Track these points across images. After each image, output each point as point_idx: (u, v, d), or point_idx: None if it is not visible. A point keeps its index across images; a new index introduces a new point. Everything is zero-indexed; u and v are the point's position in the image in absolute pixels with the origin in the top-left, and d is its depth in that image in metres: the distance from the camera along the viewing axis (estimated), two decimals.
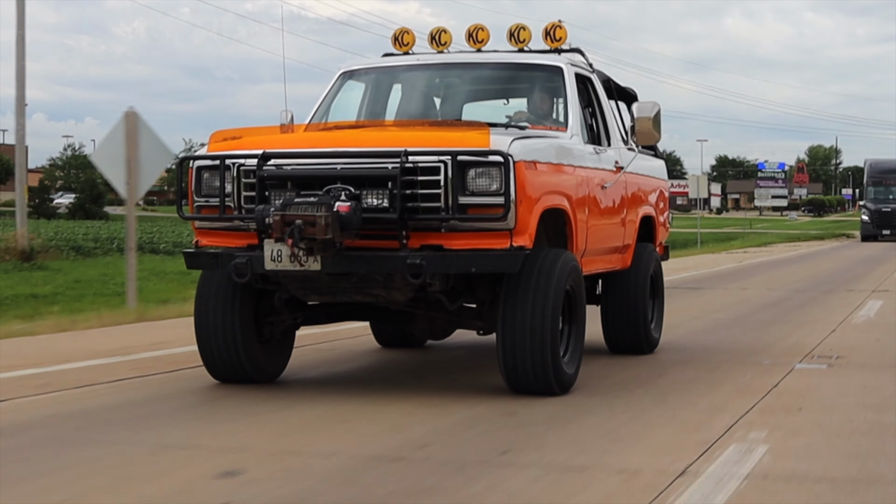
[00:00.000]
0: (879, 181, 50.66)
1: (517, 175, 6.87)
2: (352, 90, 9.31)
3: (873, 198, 50.02)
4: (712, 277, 21.51)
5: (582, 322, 7.75)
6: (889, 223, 48.53)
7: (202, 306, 7.77)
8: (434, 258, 6.86)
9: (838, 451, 5.86)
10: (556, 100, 8.83)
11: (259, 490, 4.94)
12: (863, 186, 52.60)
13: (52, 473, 5.26)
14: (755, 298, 16.26)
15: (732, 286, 18.80)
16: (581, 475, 5.24)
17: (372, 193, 6.92)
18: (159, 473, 5.27)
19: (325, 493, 4.94)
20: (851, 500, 4.92)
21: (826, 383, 8.20)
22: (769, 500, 4.88)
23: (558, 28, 9.12)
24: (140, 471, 5.31)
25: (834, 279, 21.10)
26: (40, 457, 5.58)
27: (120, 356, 9.19)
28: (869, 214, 49.45)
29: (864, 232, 49.34)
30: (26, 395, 7.36)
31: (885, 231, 48.28)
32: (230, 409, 6.96)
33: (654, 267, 9.87)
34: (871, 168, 52.29)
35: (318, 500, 4.84)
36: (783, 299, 16.13)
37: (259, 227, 6.98)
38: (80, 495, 4.91)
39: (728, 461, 5.48)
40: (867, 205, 50.20)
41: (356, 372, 8.76)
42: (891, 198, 49.69)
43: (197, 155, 7.50)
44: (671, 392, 7.68)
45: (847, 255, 33.29)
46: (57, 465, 5.43)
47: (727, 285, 19.06)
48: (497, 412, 6.76)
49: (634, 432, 6.29)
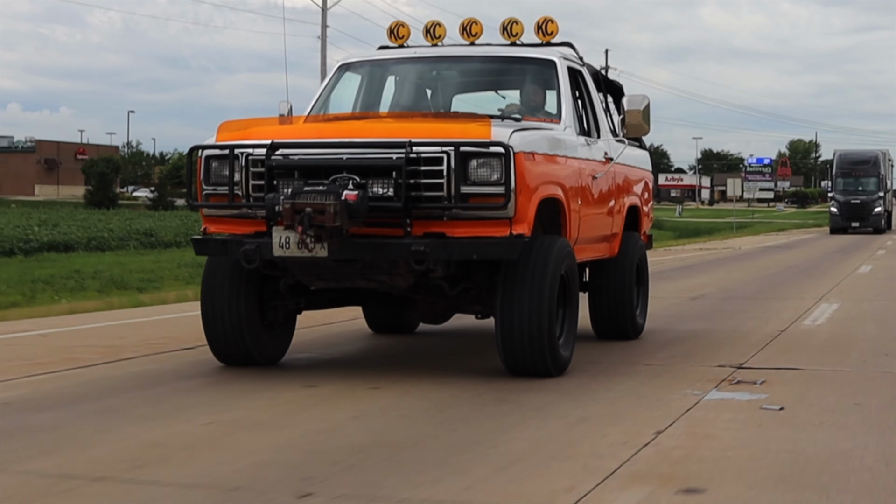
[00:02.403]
0: (848, 172, 49.65)
1: (517, 166, 7.16)
2: (349, 81, 9.57)
3: (842, 189, 49.00)
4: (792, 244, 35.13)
5: (576, 307, 8.06)
6: (858, 215, 47.70)
7: (209, 292, 8.02)
8: (437, 245, 7.15)
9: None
10: (549, 92, 9.12)
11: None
12: (832, 178, 51.24)
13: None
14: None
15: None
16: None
17: (377, 182, 7.21)
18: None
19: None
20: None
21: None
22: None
23: (550, 22, 9.43)
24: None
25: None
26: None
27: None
28: (838, 206, 48.60)
29: (832, 224, 48.51)
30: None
31: (855, 223, 47.45)
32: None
33: (640, 255, 10.18)
34: (839, 159, 51.11)
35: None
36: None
37: (268, 214, 7.25)
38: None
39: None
40: (836, 196, 49.21)
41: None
42: (860, 189, 48.71)
43: (206, 145, 7.74)
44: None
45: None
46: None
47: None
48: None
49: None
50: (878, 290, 16.24)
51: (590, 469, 5.08)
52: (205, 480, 4.89)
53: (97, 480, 4.85)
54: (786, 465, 5.23)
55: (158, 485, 4.80)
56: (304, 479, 4.86)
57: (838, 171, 50.54)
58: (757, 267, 22.23)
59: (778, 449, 5.54)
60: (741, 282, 17.87)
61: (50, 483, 4.83)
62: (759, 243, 36.35)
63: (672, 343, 9.79)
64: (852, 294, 15.40)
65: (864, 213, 47.93)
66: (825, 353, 9.18)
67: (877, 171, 49.72)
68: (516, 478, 4.95)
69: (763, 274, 19.98)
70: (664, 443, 5.64)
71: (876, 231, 47.48)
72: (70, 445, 5.56)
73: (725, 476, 5.00)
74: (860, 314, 12.58)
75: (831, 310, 12.92)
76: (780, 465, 5.21)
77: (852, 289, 16.46)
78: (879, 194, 48.46)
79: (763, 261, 24.92)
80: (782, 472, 5.10)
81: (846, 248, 32.16)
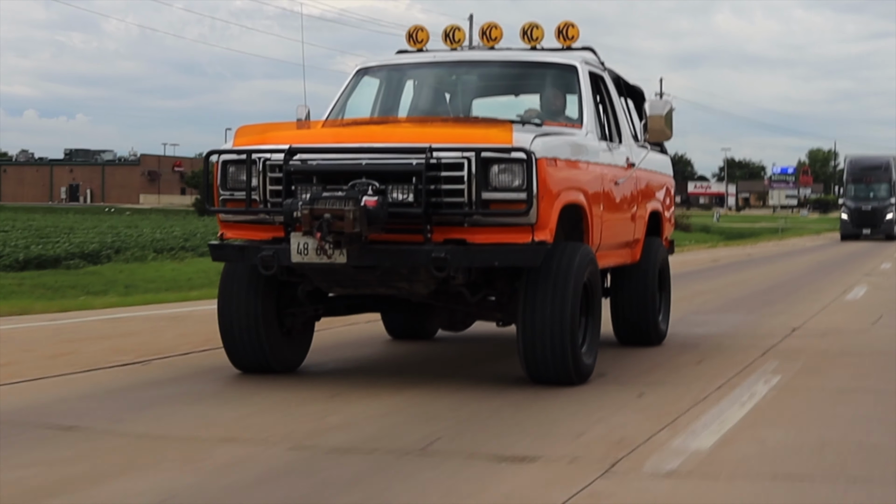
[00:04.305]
0: (860, 178, 48.06)
1: (539, 171, 7.05)
2: (367, 86, 9.46)
3: (853, 195, 47.42)
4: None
5: (598, 314, 7.94)
6: (869, 222, 46.14)
7: (226, 298, 7.92)
8: (458, 252, 7.04)
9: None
10: (570, 97, 9.00)
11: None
12: (843, 184, 49.79)
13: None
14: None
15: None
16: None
17: (397, 188, 7.10)
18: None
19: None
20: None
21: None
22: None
23: (571, 27, 9.29)
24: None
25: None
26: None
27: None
28: (848, 213, 47.05)
29: (843, 231, 47.01)
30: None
31: (866, 230, 45.98)
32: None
33: (662, 261, 10.07)
34: (850, 165, 49.65)
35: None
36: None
37: (286, 220, 7.14)
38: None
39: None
40: (847, 203, 47.73)
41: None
42: (871, 196, 47.03)
43: (224, 149, 7.64)
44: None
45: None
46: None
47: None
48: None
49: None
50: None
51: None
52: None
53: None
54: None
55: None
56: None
57: (849, 176, 49.23)
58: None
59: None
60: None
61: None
62: (812, 242, 43.76)
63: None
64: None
65: (875, 220, 46.34)
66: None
67: (888, 176, 48.02)
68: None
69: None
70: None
71: (888, 238, 45.85)
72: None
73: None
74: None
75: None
76: None
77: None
78: (891, 200, 46.91)
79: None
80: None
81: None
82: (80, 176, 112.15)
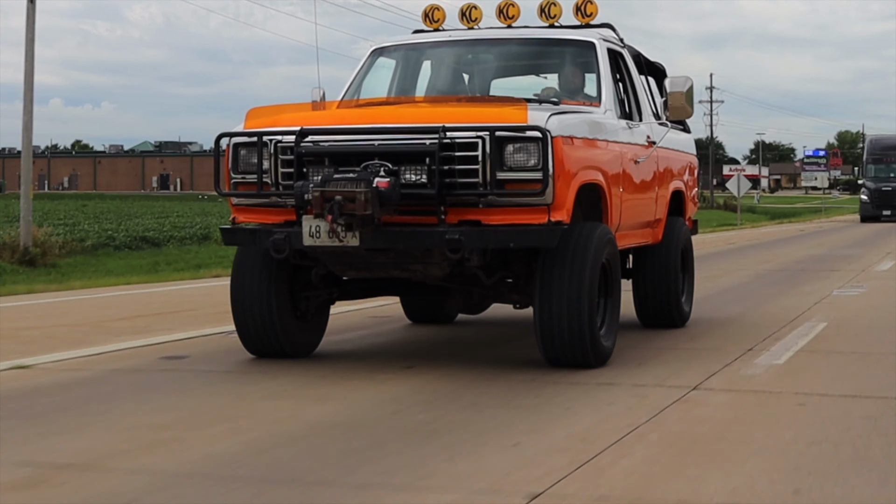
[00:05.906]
0: (880, 158, 46.96)
1: (555, 150, 6.89)
2: (383, 67, 9.32)
3: (873, 176, 46.32)
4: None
5: (618, 295, 7.79)
6: (889, 203, 44.86)
7: (239, 282, 7.82)
8: (472, 233, 6.90)
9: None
10: (588, 75, 8.83)
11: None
12: (863, 164, 48.28)
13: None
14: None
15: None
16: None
17: (410, 169, 6.95)
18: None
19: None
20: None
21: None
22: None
23: (589, 3, 9.11)
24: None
25: None
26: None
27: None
28: (868, 194, 45.85)
29: (863, 213, 45.83)
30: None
31: (886, 212, 44.57)
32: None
33: (685, 241, 9.89)
34: (871, 144, 48.58)
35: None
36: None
37: (298, 203, 7.02)
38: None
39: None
40: (866, 184, 46.57)
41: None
42: (892, 176, 46.00)
43: (234, 132, 7.52)
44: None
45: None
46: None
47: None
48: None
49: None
50: None
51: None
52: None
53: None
54: None
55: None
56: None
57: (869, 156, 48.12)
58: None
59: None
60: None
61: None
62: (856, 217, 47.02)
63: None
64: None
65: (895, 202, 45.10)
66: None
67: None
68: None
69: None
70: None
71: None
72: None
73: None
74: None
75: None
76: None
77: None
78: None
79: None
80: None
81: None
82: (170, 166, 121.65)
